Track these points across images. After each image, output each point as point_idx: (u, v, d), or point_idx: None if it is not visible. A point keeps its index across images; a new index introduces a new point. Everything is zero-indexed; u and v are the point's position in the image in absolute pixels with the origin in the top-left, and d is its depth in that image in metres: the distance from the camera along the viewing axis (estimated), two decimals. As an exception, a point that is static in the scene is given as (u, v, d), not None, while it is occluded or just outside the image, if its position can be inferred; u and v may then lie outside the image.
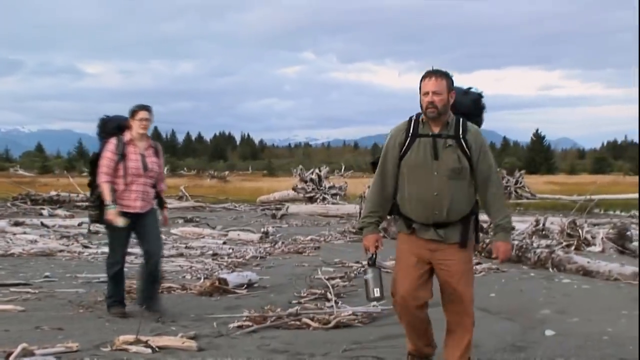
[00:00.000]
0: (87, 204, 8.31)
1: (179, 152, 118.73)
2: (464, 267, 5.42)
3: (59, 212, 25.23)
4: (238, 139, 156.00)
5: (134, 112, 8.04)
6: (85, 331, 7.22)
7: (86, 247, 15.17)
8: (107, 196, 7.87)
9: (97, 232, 18.59)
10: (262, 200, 33.03)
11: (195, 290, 9.68)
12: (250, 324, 7.47)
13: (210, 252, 14.45)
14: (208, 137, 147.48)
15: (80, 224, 20.17)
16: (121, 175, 7.98)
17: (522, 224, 17.72)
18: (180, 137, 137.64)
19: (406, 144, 5.38)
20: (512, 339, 7.08)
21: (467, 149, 5.29)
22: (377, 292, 5.49)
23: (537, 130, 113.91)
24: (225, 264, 12.71)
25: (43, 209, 26.11)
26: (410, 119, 5.47)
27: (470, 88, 5.83)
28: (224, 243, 16.31)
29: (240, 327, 7.41)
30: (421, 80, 5.35)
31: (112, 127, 8.16)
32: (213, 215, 26.28)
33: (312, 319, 7.57)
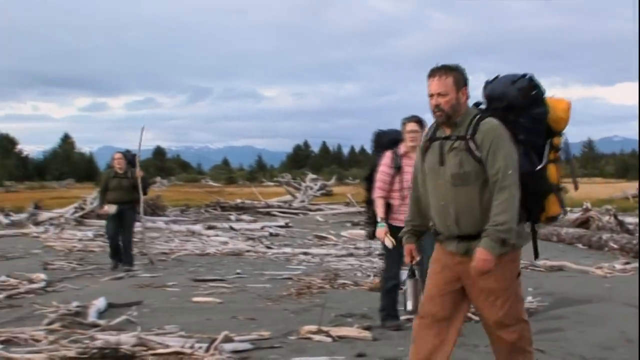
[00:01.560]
0: (364, 220, 7.26)
1: (345, 163, 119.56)
2: (492, 285, 4.22)
3: (244, 217, 25.94)
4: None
5: (403, 124, 7.04)
6: (274, 321, 7.39)
7: (269, 248, 15.54)
8: (379, 213, 6.96)
9: (277, 235, 19.13)
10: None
11: (365, 286, 9.73)
12: (417, 317, 7.43)
13: (377, 252, 14.43)
14: (370, 149, 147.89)
15: (262, 228, 20.74)
16: (397, 189, 6.97)
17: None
18: (346, 150, 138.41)
19: (425, 149, 4.45)
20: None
21: (475, 151, 4.20)
22: (409, 305, 4.61)
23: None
24: (391, 262, 12.70)
25: (230, 214, 26.92)
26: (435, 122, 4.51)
27: (525, 75, 4.49)
28: (389, 244, 16.25)
29: (409, 319, 7.36)
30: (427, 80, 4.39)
31: (386, 140, 7.31)
32: (377, 219, 26.21)
33: (472, 313, 7.44)
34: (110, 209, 12.00)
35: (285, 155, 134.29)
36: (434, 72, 4.32)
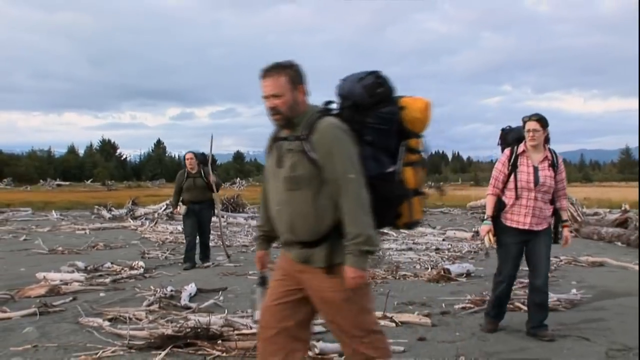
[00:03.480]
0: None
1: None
2: (329, 295, 3.48)
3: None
4: (450, 156, 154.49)
5: (524, 123, 6.13)
6: (343, 307, 7.38)
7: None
8: (488, 210, 6.20)
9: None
10: (471, 205, 32.32)
11: (424, 277, 9.68)
12: (472, 305, 7.36)
13: (433, 247, 14.36)
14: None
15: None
16: (512, 188, 6.06)
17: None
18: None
19: (269, 150, 3.71)
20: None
21: (310, 153, 3.42)
22: (256, 315, 3.81)
23: None
24: (446, 256, 12.60)
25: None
26: None
27: (373, 72, 3.70)
28: (444, 240, 16.15)
29: (463, 308, 7.32)
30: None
31: (511, 138, 6.32)
32: (432, 217, 26.04)
33: (522, 303, 7.33)
34: (181, 209, 11.27)
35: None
36: (266, 73, 3.54)
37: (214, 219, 12.15)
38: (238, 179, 60.26)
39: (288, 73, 3.52)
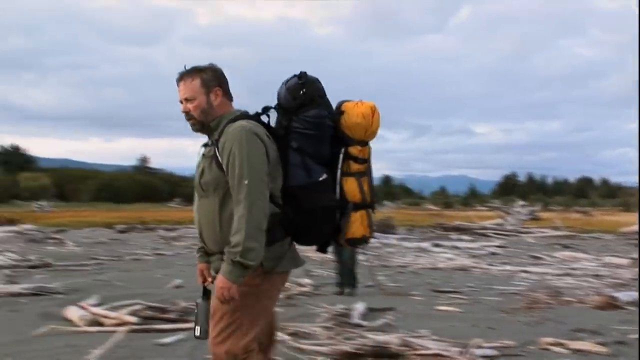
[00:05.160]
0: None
1: (549, 191, 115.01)
2: (215, 302, 3.18)
3: (463, 237, 25.44)
4: (597, 181, 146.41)
5: None
6: (512, 331, 7.06)
7: (491, 265, 15.05)
8: None
9: (495, 254, 18.49)
10: (624, 231, 30.32)
11: (590, 304, 9.10)
12: (648, 336, 6.81)
13: (590, 272, 13.54)
14: (572, 179, 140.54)
15: (481, 247, 20.16)
16: None
17: None
18: (549, 180, 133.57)
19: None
20: None
21: (219, 158, 3.12)
22: (197, 331, 3.40)
23: None
24: (607, 283, 11.82)
25: (450, 234, 26.51)
26: None
27: (299, 73, 3.33)
28: (602, 266, 15.18)
29: None
30: None
31: None
32: (584, 242, 24.61)
33: None
34: None
35: (494, 184, 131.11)
36: (181, 77, 3.28)
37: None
38: (386, 201, 60.34)
39: (202, 76, 3.25)
